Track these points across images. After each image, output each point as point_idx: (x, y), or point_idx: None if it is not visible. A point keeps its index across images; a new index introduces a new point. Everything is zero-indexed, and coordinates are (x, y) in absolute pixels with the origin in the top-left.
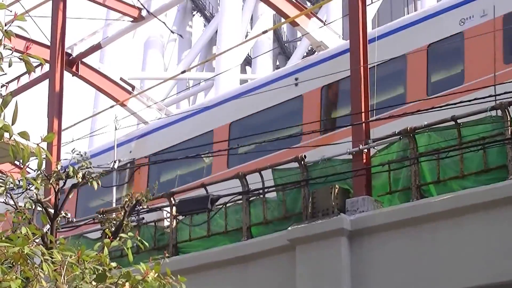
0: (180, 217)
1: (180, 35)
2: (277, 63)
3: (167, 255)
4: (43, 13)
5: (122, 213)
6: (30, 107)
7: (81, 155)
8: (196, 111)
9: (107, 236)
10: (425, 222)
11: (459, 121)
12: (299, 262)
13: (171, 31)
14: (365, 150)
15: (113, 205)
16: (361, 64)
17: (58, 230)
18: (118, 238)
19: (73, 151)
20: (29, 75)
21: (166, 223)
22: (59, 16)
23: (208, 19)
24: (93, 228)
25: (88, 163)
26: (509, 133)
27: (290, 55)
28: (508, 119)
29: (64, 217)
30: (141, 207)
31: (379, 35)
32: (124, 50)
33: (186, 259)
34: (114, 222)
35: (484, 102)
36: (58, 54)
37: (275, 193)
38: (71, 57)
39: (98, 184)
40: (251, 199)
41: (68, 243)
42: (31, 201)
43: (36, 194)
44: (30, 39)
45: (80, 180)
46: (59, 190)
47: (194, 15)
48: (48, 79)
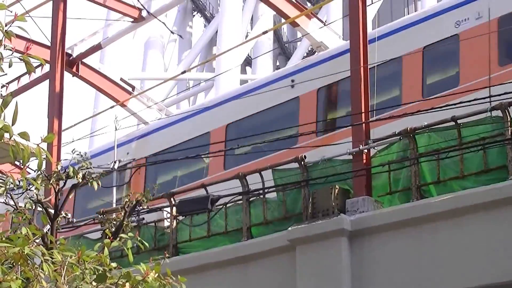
0: (180, 218)
1: (180, 36)
2: (277, 64)
3: (167, 256)
4: (44, 14)
5: (122, 214)
6: (30, 108)
7: (81, 156)
8: (193, 113)
9: (107, 237)
10: (425, 223)
11: (459, 122)
12: (299, 263)
13: (171, 32)
14: (365, 151)
15: (113, 206)
16: (361, 65)
17: (58, 231)
18: (118, 239)
19: (73, 152)
20: (30, 76)
21: (166, 224)
22: (60, 17)
23: (208, 20)
24: (93, 229)
25: (88, 164)
26: (509, 134)
27: (290, 56)
28: (508, 120)
29: (64, 218)
30: (141, 208)
31: (375, 37)
32: (124, 51)
33: (186, 260)
34: (114, 223)
35: (484, 103)
36: (59, 55)
37: (275, 194)
38: (71, 58)
39: (98, 185)
40: (251, 200)
41: (68, 244)
42: (31, 202)
43: (36, 195)
44: (31, 40)
45: (80, 181)
46: (59, 191)
47: (194, 16)
48: (49, 80)
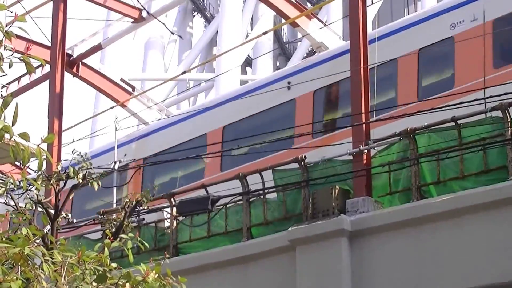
0: (181, 218)
1: (180, 36)
2: (278, 64)
3: (168, 256)
4: (44, 14)
5: (123, 214)
6: (31, 108)
7: (82, 156)
8: (190, 115)
9: (108, 237)
10: (425, 223)
11: (459, 122)
12: (300, 263)
13: (171, 32)
14: (365, 151)
15: (112, 207)
16: (361, 65)
17: (59, 231)
18: (119, 239)
19: (74, 152)
20: (30, 76)
21: (167, 224)
22: (60, 17)
23: (209, 20)
24: (94, 229)
25: (89, 164)
26: (509, 134)
27: (291, 56)
28: (508, 120)
29: (65, 218)
30: (142, 208)
31: (371, 40)
32: (125, 51)
33: (187, 260)
34: (115, 223)
35: (479, 104)
36: (59, 55)
37: (276, 194)
38: (72, 58)
39: (99, 185)
40: (252, 200)
41: (69, 244)
42: (32, 202)
43: (37, 195)
44: (31, 40)
45: (81, 181)
46: (60, 191)
47: (195, 16)
48: (49, 80)
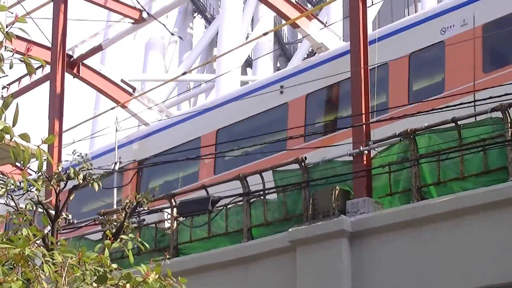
0: (181, 219)
1: (181, 37)
2: (278, 65)
3: (168, 257)
4: (44, 15)
5: (123, 215)
6: (31, 109)
7: (82, 157)
8: (183, 118)
9: (108, 238)
10: (426, 224)
11: (459, 123)
12: (300, 264)
13: (171, 34)
14: (366, 152)
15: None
16: (362, 66)
17: (59, 232)
18: (119, 240)
19: (74, 153)
20: (30, 77)
21: (167, 225)
22: (60, 18)
23: (209, 21)
24: (94, 230)
25: (89, 165)
26: (510, 135)
27: (291, 57)
28: (508, 121)
29: (65, 219)
30: (142, 209)
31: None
32: (125, 52)
33: (187, 261)
34: (115, 224)
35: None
36: (59, 56)
37: (276, 195)
38: (72, 59)
39: (99, 186)
40: (252, 201)
41: (69, 245)
42: (32, 203)
43: (37, 196)
44: (31, 41)
45: (81, 182)
46: (60, 192)
47: (195, 17)
48: (49, 81)
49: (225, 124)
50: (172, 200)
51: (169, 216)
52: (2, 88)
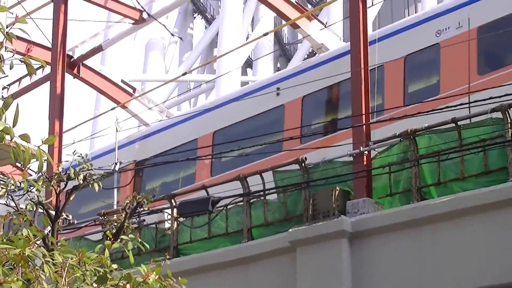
0: (181, 219)
1: (181, 38)
2: (278, 65)
3: (168, 257)
4: (45, 15)
5: (123, 215)
6: (31, 110)
7: (82, 157)
8: (180, 120)
9: (108, 238)
10: (426, 224)
11: (459, 123)
12: (300, 264)
13: (172, 34)
14: (366, 152)
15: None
16: (362, 66)
17: (59, 232)
18: (119, 240)
19: (74, 153)
20: (30, 77)
21: (167, 225)
22: (61, 18)
23: (209, 21)
24: (94, 230)
25: (89, 165)
26: (510, 135)
27: (291, 57)
28: (508, 122)
29: (65, 219)
30: (142, 209)
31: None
32: (125, 52)
33: (187, 261)
34: (115, 224)
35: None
36: (60, 56)
37: (276, 195)
38: (72, 59)
39: (99, 186)
40: (252, 201)
41: (69, 245)
42: (32, 203)
43: (37, 196)
44: (32, 41)
45: (81, 182)
46: (60, 192)
47: (195, 17)
48: (50, 81)
49: (222, 126)
50: (172, 201)
51: (169, 217)
52: (3, 89)
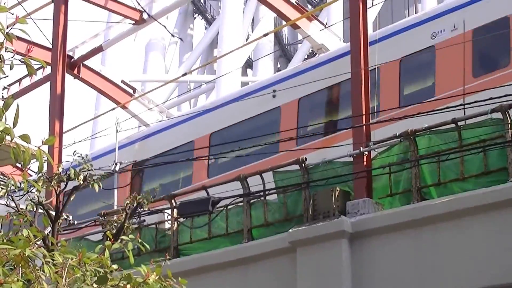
0: (181, 219)
1: (181, 39)
2: (278, 66)
3: (168, 257)
4: (45, 16)
5: (123, 216)
6: (32, 110)
7: (82, 158)
8: (178, 122)
9: (108, 238)
10: (426, 224)
11: (459, 124)
12: (300, 264)
13: (172, 35)
14: (366, 153)
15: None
16: (362, 67)
17: (60, 232)
18: (119, 240)
19: (74, 154)
20: (31, 78)
21: (167, 225)
22: (61, 19)
23: (209, 22)
24: (95, 230)
25: (90, 165)
26: (510, 136)
27: (291, 58)
28: (508, 122)
29: (66, 220)
30: (142, 210)
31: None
32: (126, 53)
33: (187, 261)
34: (115, 225)
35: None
36: (60, 57)
37: (276, 196)
38: (73, 60)
39: (100, 186)
40: (252, 201)
41: (69, 245)
42: (33, 203)
43: (38, 197)
44: (32, 42)
45: (81, 182)
46: (61, 193)
47: (195, 18)
48: (50, 82)
49: (218, 128)
50: (173, 201)
51: (170, 217)
52: (3, 89)
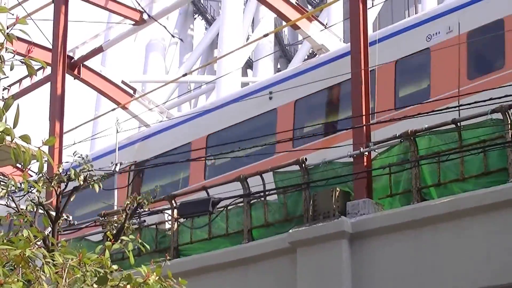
0: (182, 220)
1: (181, 39)
2: (278, 66)
3: (168, 258)
4: (45, 16)
5: (124, 216)
6: (32, 110)
7: (83, 158)
8: (174, 124)
9: (109, 239)
10: (426, 225)
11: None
12: (300, 265)
13: (172, 35)
14: (366, 153)
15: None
16: (362, 67)
17: (60, 233)
18: (120, 241)
19: (75, 154)
20: (31, 78)
21: (168, 226)
22: (61, 19)
23: (210, 22)
24: (95, 231)
25: (90, 166)
26: (510, 136)
27: (291, 58)
28: (509, 122)
29: (66, 220)
30: (143, 210)
31: (346, 52)
32: (126, 53)
33: (187, 262)
34: (116, 225)
35: (454, 110)
36: (60, 57)
37: (276, 196)
38: (73, 60)
39: (100, 187)
40: (252, 202)
41: (70, 246)
42: (33, 204)
43: (38, 197)
44: (32, 42)
45: (82, 183)
46: (61, 193)
47: (196, 18)
48: (50, 82)
49: (215, 130)
50: (173, 202)
51: (170, 217)
52: (3, 90)
